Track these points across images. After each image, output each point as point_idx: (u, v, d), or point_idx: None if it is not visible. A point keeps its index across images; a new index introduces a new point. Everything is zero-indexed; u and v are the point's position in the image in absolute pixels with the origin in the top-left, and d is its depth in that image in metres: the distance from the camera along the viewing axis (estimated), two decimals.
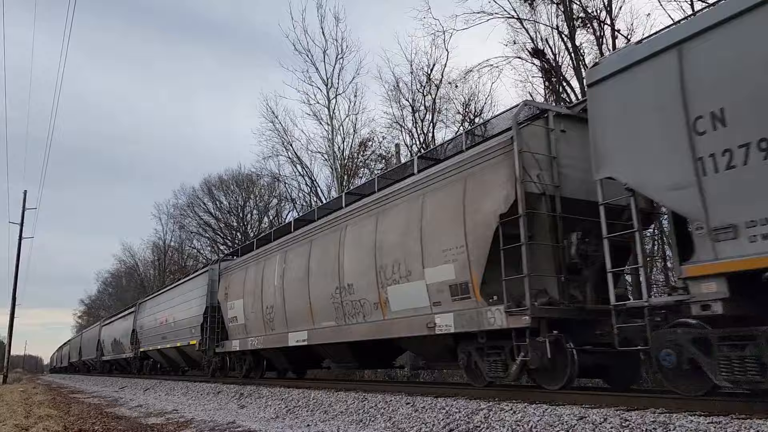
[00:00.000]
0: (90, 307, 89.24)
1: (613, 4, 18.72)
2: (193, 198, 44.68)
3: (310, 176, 30.86)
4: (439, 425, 6.40)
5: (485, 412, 6.29)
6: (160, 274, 56.42)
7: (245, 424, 8.29)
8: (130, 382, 22.73)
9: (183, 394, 15.22)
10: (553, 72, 20.35)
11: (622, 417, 5.10)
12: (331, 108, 27.75)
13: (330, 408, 8.65)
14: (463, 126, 24.89)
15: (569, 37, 19.48)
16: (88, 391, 21.42)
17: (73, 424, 9.27)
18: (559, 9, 19.76)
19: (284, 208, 38.56)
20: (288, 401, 9.98)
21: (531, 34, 20.83)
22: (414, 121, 26.59)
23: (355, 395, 8.95)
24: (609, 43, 18.66)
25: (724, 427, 4.38)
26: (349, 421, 7.66)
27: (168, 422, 9.24)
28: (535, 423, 5.58)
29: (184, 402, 13.07)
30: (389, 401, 7.89)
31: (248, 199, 41.93)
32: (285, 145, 30.51)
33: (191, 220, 45.30)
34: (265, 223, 40.21)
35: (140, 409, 12.22)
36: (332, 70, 27.77)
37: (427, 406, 7.11)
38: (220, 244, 42.06)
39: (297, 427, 7.70)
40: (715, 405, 5.22)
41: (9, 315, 31.82)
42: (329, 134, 27.87)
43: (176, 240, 53.42)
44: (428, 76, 25.99)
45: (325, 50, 27.76)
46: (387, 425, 7.07)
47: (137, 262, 65.54)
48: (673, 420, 4.76)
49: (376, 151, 28.49)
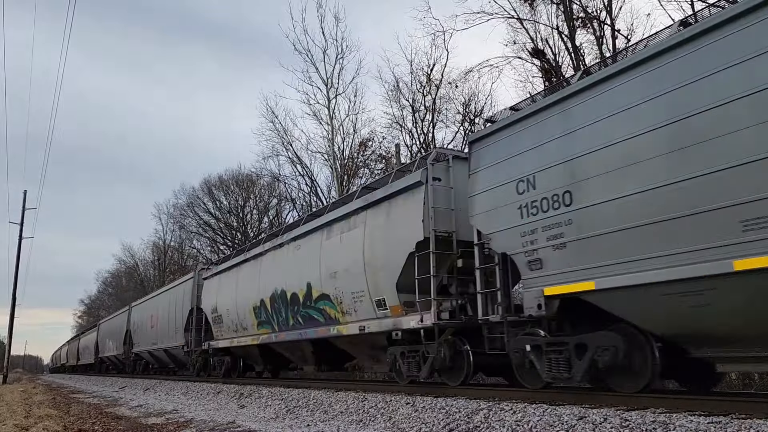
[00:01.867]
0: (90, 307, 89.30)
1: (613, 4, 18.74)
2: (193, 198, 44.72)
3: (310, 176, 30.88)
4: (439, 425, 6.40)
5: (485, 412, 6.29)
6: (160, 274, 56.46)
7: (245, 424, 8.30)
8: (129, 382, 22.74)
9: (183, 394, 15.22)
10: (553, 72, 20.34)
11: (622, 417, 5.10)
12: (331, 108, 27.77)
13: (330, 408, 8.65)
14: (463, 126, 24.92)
15: (569, 37, 19.49)
16: (88, 391, 21.43)
17: (73, 424, 9.28)
18: (559, 9, 19.77)
19: (284, 208, 38.59)
20: (288, 401, 9.99)
21: (531, 34, 20.84)
22: (414, 121, 26.61)
23: (355, 395, 8.95)
24: (609, 43, 18.67)
25: (724, 427, 4.38)
26: (349, 421, 7.67)
27: (168, 422, 9.25)
28: (535, 423, 5.58)
29: (184, 402, 13.07)
30: (389, 401, 7.90)
31: (248, 199, 41.95)
32: (285, 145, 30.54)
33: (191, 220, 45.35)
34: (265, 223, 40.25)
35: (140, 409, 12.22)
36: (332, 70, 27.80)
37: (427, 406, 7.11)
38: (220, 244, 42.08)
39: (297, 427, 7.70)
40: (715, 405, 5.22)
41: (9, 315, 31.82)
42: (329, 134, 27.88)
43: (176, 240, 53.50)
44: (428, 76, 26.02)
45: (325, 50, 27.79)
46: (387, 425, 7.07)
47: (137, 262, 65.62)
48: (673, 420, 4.76)
49: (376, 151, 28.51)
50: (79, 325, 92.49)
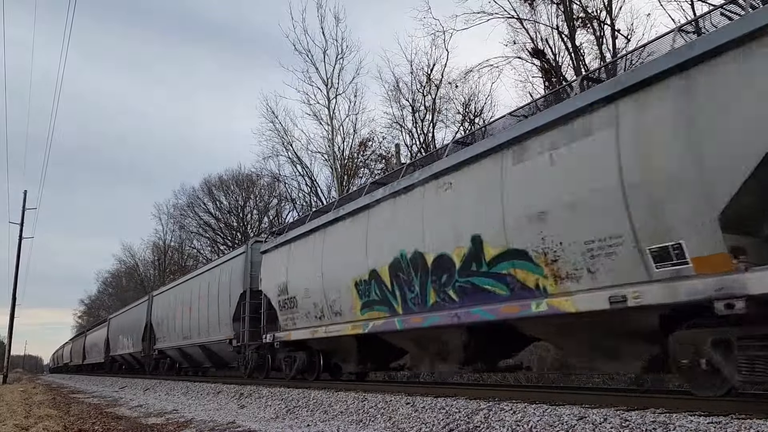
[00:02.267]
0: (90, 307, 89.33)
1: (613, 4, 18.75)
2: (193, 198, 44.81)
3: (310, 176, 30.93)
4: (439, 425, 6.40)
5: (485, 412, 6.29)
6: (160, 274, 56.48)
7: (245, 424, 8.30)
8: (130, 382, 22.73)
9: (183, 394, 15.22)
10: (553, 72, 20.36)
11: (622, 417, 5.10)
12: (331, 108, 27.80)
13: (330, 408, 8.65)
14: (463, 126, 24.90)
15: (569, 37, 19.50)
16: (88, 391, 21.43)
17: (73, 424, 9.28)
18: (559, 9, 19.79)
19: (284, 208, 38.62)
20: (288, 401, 9.99)
21: (531, 34, 20.87)
22: (414, 121, 26.64)
23: (355, 395, 8.96)
24: (609, 43, 18.67)
25: (724, 427, 4.37)
26: (349, 421, 7.67)
27: (168, 422, 9.25)
28: (535, 423, 5.57)
29: (184, 402, 13.07)
30: (389, 401, 7.90)
31: (248, 199, 42.01)
32: (285, 145, 30.58)
33: (191, 220, 45.44)
34: (265, 223, 40.26)
35: (140, 409, 12.22)
36: (332, 70, 27.85)
37: (427, 406, 7.11)
38: (220, 244, 42.11)
39: (297, 427, 7.70)
40: (715, 405, 5.22)
41: (9, 315, 31.81)
42: (329, 134, 27.90)
43: (176, 240, 53.58)
44: (428, 76, 26.06)
45: (325, 50, 27.84)
46: (387, 425, 7.07)
47: (137, 262, 65.66)
48: (673, 420, 4.76)
49: (376, 151, 28.55)
50: (79, 325, 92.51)
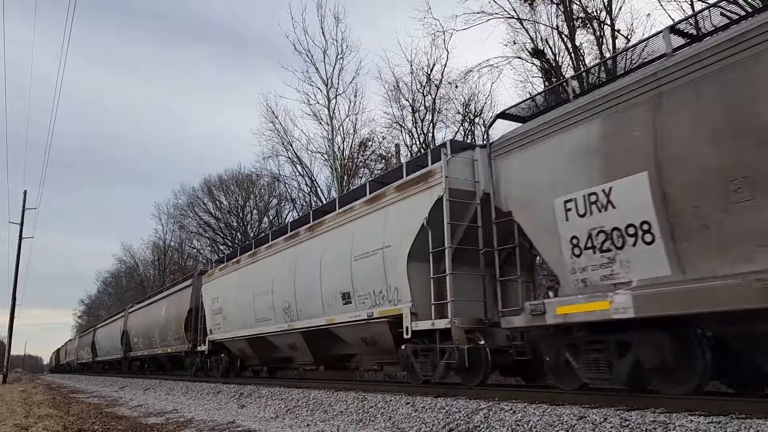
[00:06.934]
0: (90, 307, 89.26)
1: (613, 4, 18.75)
2: (193, 198, 44.76)
3: (310, 176, 30.89)
4: (439, 425, 6.40)
5: (485, 412, 6.29)
6: (160, 274, 56.44)
7: (245, 423, 8.29)
8: (129, 382, 22.73)
9: (183, 393, 15.22)
10: (553, 72, 20.35)
11: (622, 417, 5.10)
12: (331, 108, 27.77)
13: (330, 408, 8.65)
14: (463, 126, 24.91)
15: (569, 37, 19.50)
16: (88, 391, 21.42)
17: (72, 423, 9.27)
18: (559, 9, 19.78)
19: (284, 208, 38.62)
20: (288, 401, 9.98)
21: (531, 34, 20.86)
22: (414, 121, 26.63)
23: (354, 395, 8.95)
24: (609, 43, 18.67)
25: (724, 427, 4.38)
26: (348, 421, 7.66)
27: (168, 422, 9.24)
28: (535, 423, 5.57)
29: (183, 402, 13.06)
30: (389, 401, 7.89)
31: (248, 199, 41.97)
32: (285, 145, 30.54)
33: (191, 220, 45.40)
34: (265, 223, 40.26)
35: (140, 408, 12.21)
36: (332, 71, 27.80)
37: (427, 406, 7.11)
38: (220, 244, 42.08)
39: (297, 426, 7.70)
40: (715, 405, 5.22)
41: (9, 315, 31.79)
42: (329, 134, 27.88)
43: (176, 240, 53.53)
44: (428, 76, 26.03)
45: (325, 50, 27.79)
46: (387, 425, 7.07)
47: (137, 262, 65.61)
48: (673, 420, 4.76)
49: (376, 151, 28.53)
50: (79, 325, 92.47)
